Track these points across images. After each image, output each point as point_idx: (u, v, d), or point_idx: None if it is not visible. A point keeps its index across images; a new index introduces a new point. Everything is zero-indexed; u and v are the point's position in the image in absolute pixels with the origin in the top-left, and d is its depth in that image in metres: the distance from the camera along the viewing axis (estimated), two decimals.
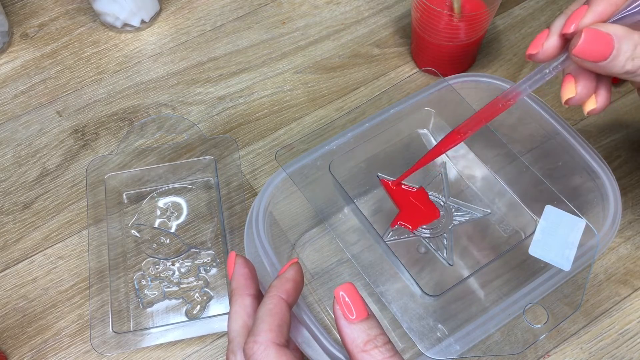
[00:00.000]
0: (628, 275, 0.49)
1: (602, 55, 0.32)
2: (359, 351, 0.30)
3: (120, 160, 0.54)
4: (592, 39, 0.32)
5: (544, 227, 0.38)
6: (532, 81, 0.36)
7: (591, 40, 0.32)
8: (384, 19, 0.65)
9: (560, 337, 0.46)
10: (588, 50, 0.32)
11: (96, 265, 0.49)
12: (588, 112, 0.36)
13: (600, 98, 0.35)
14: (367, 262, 0.46)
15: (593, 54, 0.32)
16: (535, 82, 0.36)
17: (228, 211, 0.51)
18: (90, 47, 0.64)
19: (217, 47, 0.64)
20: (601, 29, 0.32)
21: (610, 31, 0.31)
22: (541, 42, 0.34)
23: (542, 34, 0.34)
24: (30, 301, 0.49)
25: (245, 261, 0.36)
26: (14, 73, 0.62)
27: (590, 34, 0.31)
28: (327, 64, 0.62)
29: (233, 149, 0.55)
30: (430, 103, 0.47)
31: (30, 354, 0.47)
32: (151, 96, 0.60)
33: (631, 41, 0.31)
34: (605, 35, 0.31)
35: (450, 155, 0.48)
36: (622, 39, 0.31)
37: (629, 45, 0.31)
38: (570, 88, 0.35)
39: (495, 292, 0.45)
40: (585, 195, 0.44)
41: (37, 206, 0.54)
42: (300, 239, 0.50)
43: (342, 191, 0.43)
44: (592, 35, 0.31)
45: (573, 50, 0.32)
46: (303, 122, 0.58)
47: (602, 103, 0.35)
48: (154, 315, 0.48)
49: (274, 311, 0.31)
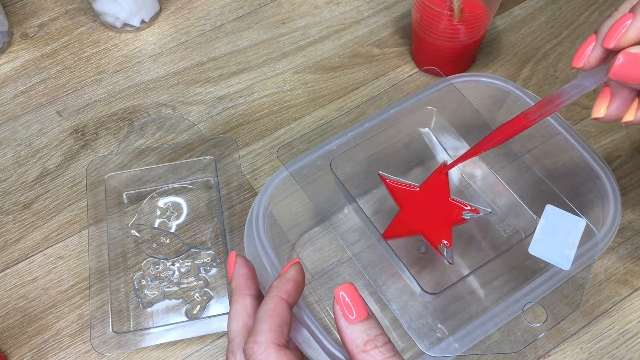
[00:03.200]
0: (628, 275, 0.49)
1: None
2: (358, 351, 0.30)
3: (120, 160, 0.54)
4: (631, 62, 0.29)
5: (544, 227, 0.38)
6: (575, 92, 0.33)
7: (630, 64, 0.29)
8: (384, 19, 0.65)
9: (560, 337, 0.46)
10: (626, 74, 0.29)
11: (96, 265, 0.49)
12: (624, 122, 0.33)
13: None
14: (368, 261, 0.46)
15: (632, 78, 0.29)
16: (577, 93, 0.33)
17: (228, 211, 0.51)
18: (90, 47, 0.64)
19: (217, 47, 0.64)
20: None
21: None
22: (587, 54, 0.31)
23: (587, 43, 0.31)
24: (30, 301, 0.49)
25: (245, 261, 0.36)
26: (14, 73, 0.62)
27: (629, 58, 0.28)
28: (327, 64, 0.62)
29: (233, 149, 0.55)
30: (431, 102, 0.47)
31: (30, 354, 0.47)
32: (151, 96, 0.60)
33: None
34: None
35: (452, 154, 0.48)
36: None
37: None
38: (602, 105, 0.32)
39: (495, 292, 0.45)
40: (585, 195, 0.44)
41: (37, 206, 0.54)
42: (300, 239, 0.50)
43: (343, 189, 0.43)
44: (631, 59, 0.28)
45: (609, 73, 0.29)
46: (303, 122, 0.58)
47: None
48: (154, 315, 0.48)
49: (274, 311, 0.31)
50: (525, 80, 0.60)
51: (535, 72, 0.60)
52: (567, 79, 0.60)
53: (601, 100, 0.32)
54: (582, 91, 0.32)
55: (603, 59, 0.31)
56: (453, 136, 0.48)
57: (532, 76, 0.60)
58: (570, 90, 0.33)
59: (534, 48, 0.62)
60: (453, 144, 0.49)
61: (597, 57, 0.31)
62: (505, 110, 0.49)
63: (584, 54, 0.31)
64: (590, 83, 0.32)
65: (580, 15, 0.64)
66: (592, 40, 0.31)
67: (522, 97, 0.46)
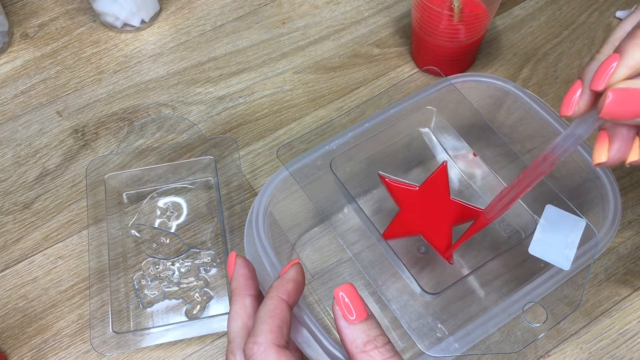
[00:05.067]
0: (628, 275, 0.49)
1: (637, 113, 0.27)
2: (358, 352, 0.30)
3: (120, 160, 0.54)
4: (622, 98, 0.27)
5: (544, 227, 0.38)
6: (570, 144, 0.31)
7: (620, 100, 0.27)
8: (384, 19, 0.65)
9: (560, 337, 0.46)
10: (618, 112, 0.27)
11: (96, 265, 0.49)
12: (629, 163, 0.31)
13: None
14: (368, 261, 0.46)
15: (625, 114, 0.27)
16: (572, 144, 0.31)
17: (228, 211, 0.51)
18: (90, 47, 0.64)
19: (217, 47, 0.64)
20: (633, 86, 0.27)
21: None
22: (575, 101, 0.29)
23: (574, 89, 0.29)
24: (30, 301, 0.49)
25: (245, 261, 0.36)
26: (14, 73, 0.62)
27: (619, 94, 0.27)
28: (327, 64, 0.62)
29: (233, 149, 0.55)
30: (431, 102, 0.47)
31: (30, 354, 0.47)
32: (151, 96, 0.60)
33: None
34: (638, 92, 0.27)
35: (452, 154, 0.48)
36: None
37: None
38: (602, 150, 0.30)
39: (495, 292, 0.45)
40: (585, 195, 0.44)
41: (37, 206, 0.54)
42: (300, 239, 0.50)
43: (343, 189, 0.43)
44: (620, 95, 0.27)
45: (600, 113, 0.27)
46: (303, 122, 0.58)
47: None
48: (154, 315, 0.48)
49: (274, 312, 0.31)
50: (525, 80, 0.60)
51: (535, 72, 0.60)
52: (567, 79, 0.60)
53: (600, 145, 0.31)
54: (577, 141, 0.31)
55: (592, 103, 0.29)
56: (453, 136, 0.48)
57: (532, 76, 0.60)
58: (564, 143, 0.31)
59: (534, 48, 0.62)
60: (453, 144, 0.49)
61: (585, 102, 0.29)
62: (505, 110, 0.49)
63: (572, 101, 0.29)
64: (584, 130, 0.30)
65: (580, 15, 0.64)
66: (578, 86, 0.29)
67: (522, 97, 0.46)
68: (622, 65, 0.27)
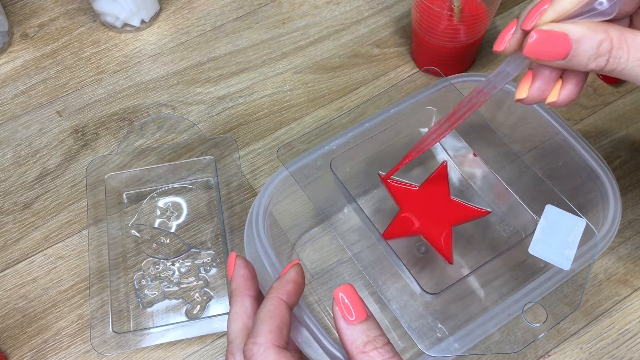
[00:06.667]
0: (628, 275, 0.49)
1: (558, 55, 0.29)
2: (358, 352, 0.30)
3: (120, 160, 0.54)
4: (544, 39, 0.29)
5: (544, 227, 0.38)
6: (499, 79, 0.33)
7: (542, 40, 0.29)
8: (384, 19, 0.65)
9: (560, 337, 0.46)
10: (539, 51, 0.29)
11: (96, 265, 0.49)
12: (548, 104, 0.32)
13: (565, 91, 0.32)
14: (368, 261, 0.46)
15: (546, 54, 0.29)
16: (501, 80, 0.33)
17: (228, 211, 0.51)
18: (90, 47, 0.64)
19: (217, 47, 0.64)
20: (555, 29, 0.29)
21: (567, 30, 0.28)
22: (507, 38, 0.31)
23: (508, 28, 0.31)
24: (30, 301, 0.49)
25: (245, 262, 0.36)
26: (14, 73, 0.62)
27: (541, 35, 0.29)
28: (327, 64, 0.62)
29: (233, 149, 0.55)
30: (431, 102, 0.47)
31: (30, 354, 0.47)
32: (151, 96, 0.60)
33: (594, 40, 0.28)
34: (559, 35, 0.28)
35: (452, 154, 0.48)
36: (582, 39, 0.28)
37: (591, 44, 0.28)
38: (524, 87, 0.32)
39: (495, 292, 0.45)
40: (585, 195, 0.44)
41: (37, 206, 0.54)
42: (300, 239, 0.50)
43: (343, 189, 0.43)
44: (543, 36, 0.29)
45: (523, 50, 0.29)
46: (303, 122, 0.58)
47: (565, 97, 0.32)
48: (154, 315, 0.48)
49: (274, 313, 0.31)
50: None
51: None
52: None
53: (523, 82, 0.32)
54: (506, 77, 0.33)
55: (522, 42, 0.30)
56: (453, 136, 0.48)
57: None
58: (494, 79, 0.33)
59: None
60: (453, 144, 0.49)
61: (517, 40, 0.31)
62: (505, 110, 0.49)
63: (505, 38, 0.31)
64: (513, 68, 0.32)
65: None
66: (513, 25, 0.31)
67: None
68: (551, 9, 0.29)
